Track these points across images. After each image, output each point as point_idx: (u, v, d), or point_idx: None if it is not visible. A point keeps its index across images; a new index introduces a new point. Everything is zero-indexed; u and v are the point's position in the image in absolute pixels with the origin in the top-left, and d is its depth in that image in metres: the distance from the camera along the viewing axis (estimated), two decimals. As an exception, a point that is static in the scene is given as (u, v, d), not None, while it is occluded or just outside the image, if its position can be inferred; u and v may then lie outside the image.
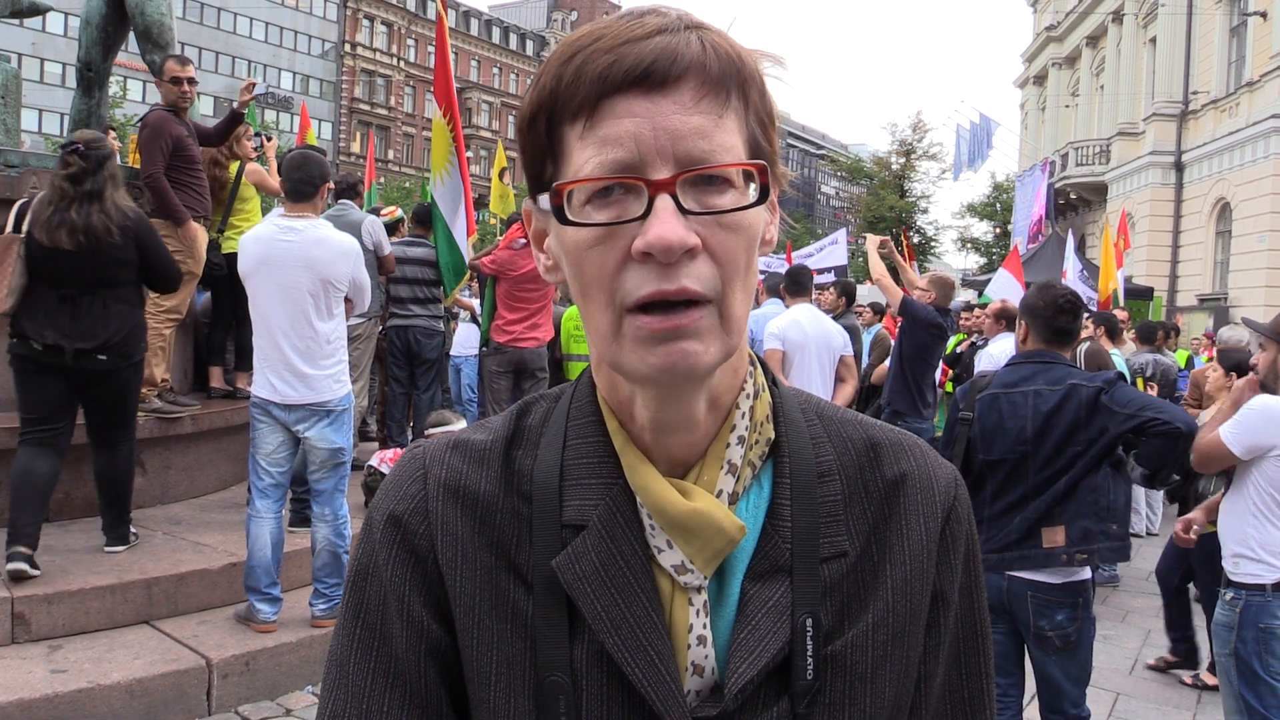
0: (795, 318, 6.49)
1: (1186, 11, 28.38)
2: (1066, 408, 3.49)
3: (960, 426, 3.70)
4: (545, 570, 0.81)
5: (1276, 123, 23.58)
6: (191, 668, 4.22)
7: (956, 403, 3.84)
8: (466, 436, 0.90)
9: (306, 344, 4.59)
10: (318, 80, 68.55)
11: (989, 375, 3.83)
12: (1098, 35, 35.83)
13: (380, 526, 0.86)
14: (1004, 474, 3.57)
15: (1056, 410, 3.49)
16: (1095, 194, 33.96)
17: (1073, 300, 3.71)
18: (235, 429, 6.54)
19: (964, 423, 3.69)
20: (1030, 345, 3.74)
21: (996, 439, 3.59)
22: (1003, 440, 3.57)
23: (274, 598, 4.63)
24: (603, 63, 0.74)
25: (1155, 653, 5.88)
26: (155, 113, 6.05)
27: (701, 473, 0.82)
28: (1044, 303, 3.71)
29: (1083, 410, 3.47)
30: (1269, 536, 3.62)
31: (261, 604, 4.59)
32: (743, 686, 0.77)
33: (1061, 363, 3.65)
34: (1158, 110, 29.29)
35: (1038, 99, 43.37)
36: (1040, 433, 3.50)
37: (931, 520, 0.88)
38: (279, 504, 4.68)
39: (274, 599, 4.63)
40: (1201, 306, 26.27)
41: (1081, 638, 3.51)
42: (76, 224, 4.61)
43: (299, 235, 4.62)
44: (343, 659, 0.85)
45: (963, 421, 3.70)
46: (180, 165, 6.00)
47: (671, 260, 0.73)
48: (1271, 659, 3.58)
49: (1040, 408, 3.52)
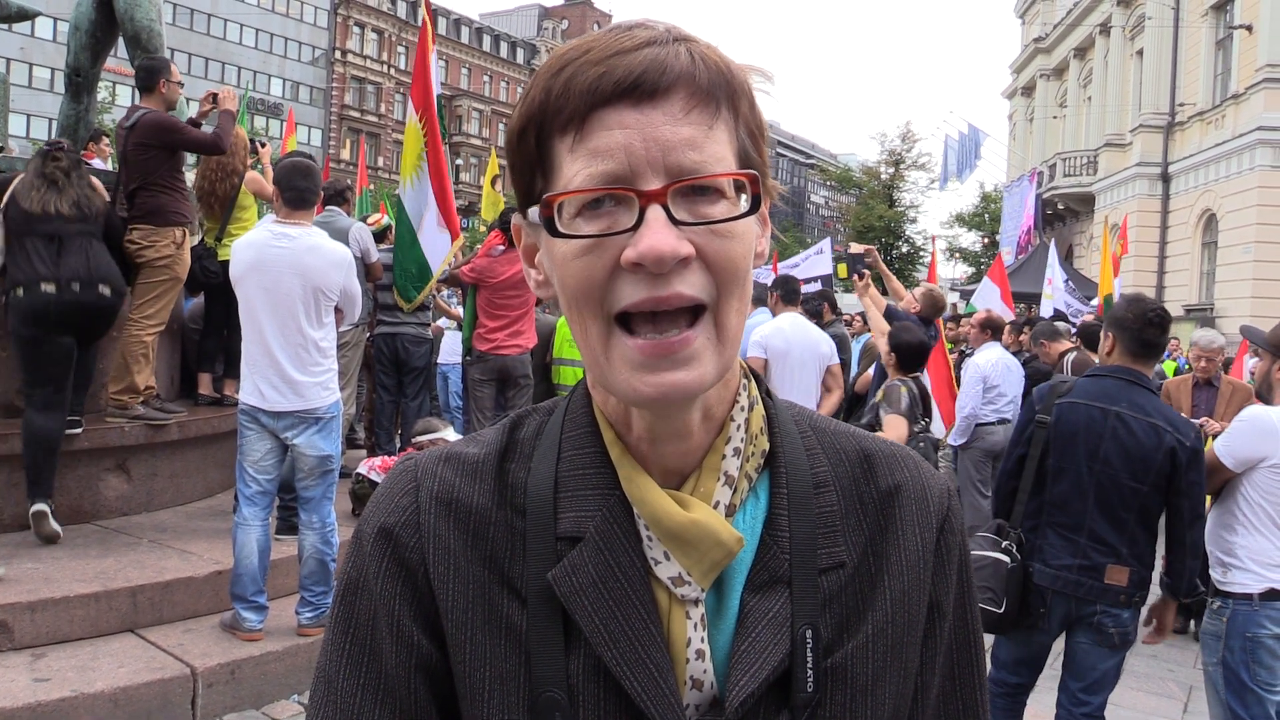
0: (779, 326, 6.51)
1: (1173, 24, 28.59)
2: (1150, 448, 3.53)
3: (1037, 429, 3.73)
4: (540, 583, 0.80)
5: (1262, 135, 23.78)
6: (176, 676, 4.19)
7: (1033, 404, 3.86)
8: (459, 449, 0.89)
9: (296, 350, 4.57)
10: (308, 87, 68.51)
11: (1070, 382, 3.84)
12: (1085, 47, 36.07)
13: (371, 539, 0.85)
14: (1068, 484, 3.63)
15: (1138, 444, 3.54)
16: (1083, 205, 34.14)
17: (1162, 314, 3.71)
18: (222, 436, 6.50)
19: (1040, 425, 3.72)
20: (1116, 359, 3.72)
21: (1068, 448, 3.63)
22: (1074, 452, 3.62)
23: (260, 606, 4.60)
24: (592, 74, 0.74)
25: (1146, 663, 5.89)
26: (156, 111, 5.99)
27: (698, 484, 0.82)
28: (1133, 315, 3.68)
29: (1166, 462, 3.54)
30: (1258, 546, 3.63)
31: (248, 612, 4.56)
32: (743, 700, 0.76)
33: (1145, 385, 3.66)
34: (1145, 122, 29.48)
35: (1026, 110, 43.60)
36: (1118, 461, 3.55)
37: (927, 531, 0.88)
38: (266, 511, 4.65)
39: (260, 607, 4.60)
40: (1188, 317, 26.39)
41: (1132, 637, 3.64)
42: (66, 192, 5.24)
43: (292, 242, 4.61)
44: (331, 674, 0.84)
45: (1039, 424, 3.72)
46: (174, 168, 5.98)
47: (663, 270, 0.72)
48: (1259, 668, 3.58)
49: (1121, 436, 3.56)
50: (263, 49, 66.76)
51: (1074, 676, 3.69)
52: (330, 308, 4.72)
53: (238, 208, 6.79)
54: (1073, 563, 3.58)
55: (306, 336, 4.59)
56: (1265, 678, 3.58)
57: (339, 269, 4.72)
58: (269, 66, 66.49)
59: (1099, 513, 3.57)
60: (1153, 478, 3.55)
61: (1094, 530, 3.57)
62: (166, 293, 5.94)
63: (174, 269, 5.94)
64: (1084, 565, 3.56)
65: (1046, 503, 3.68)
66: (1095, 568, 3.55)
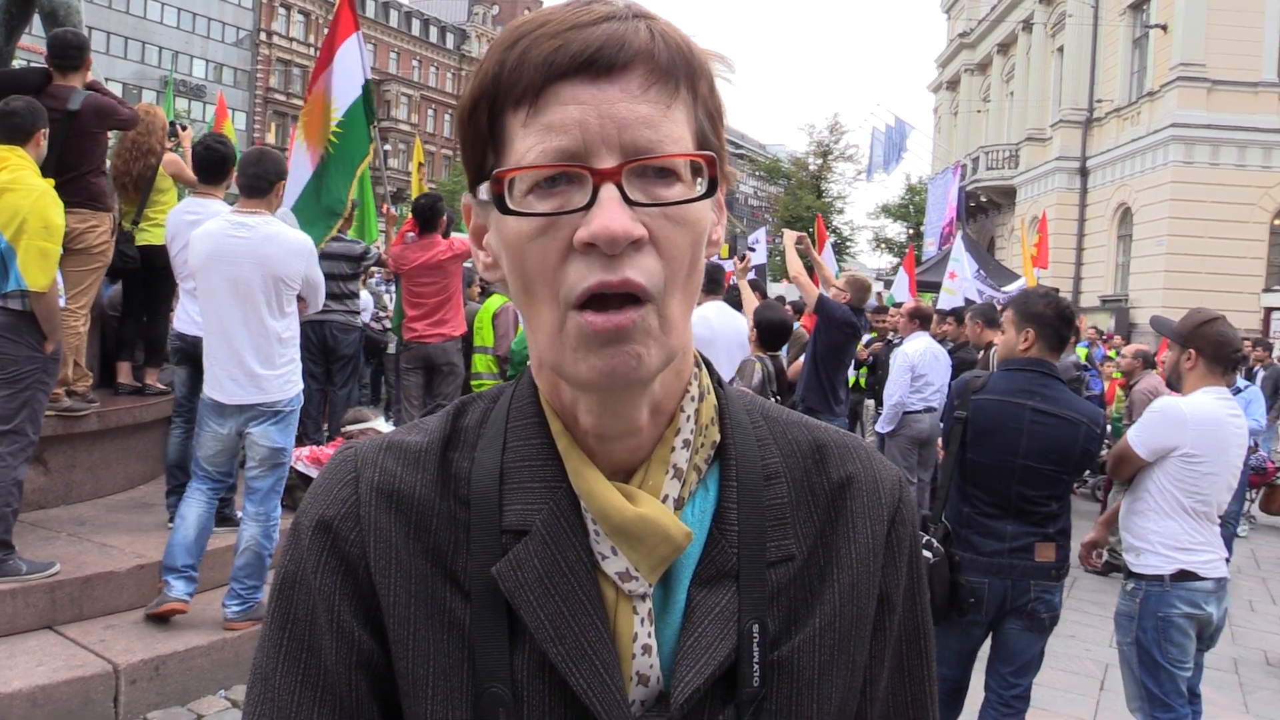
0: (704, 314, 6.55)
1: (1092, 22, 29.35)
2: (1069, 442, 3.68)
3: (955, 425, 3.84)
4: (484, 577, 0.78)
5: (1175, 131, 24.59)
6: (98, 674, 4.08)
7: (951, 400, 3.97)
8: (400, 438, 0.87)
9: (259, 342, 4.50)
10: (231, 69, 66.75)
11: (983, 377, 3.95)
12: (1008, 43, 36.85)
13: (309, 532, 0.82)
14: (990, 475, 3.74)
15: (1058, 439, 3.68)
16: (1005, 197, 34.93)
17: (1071, 309, 3.91)
18: (144, 426, 6.34)
19: (958, 421, 3.82)
20: (1035, 353, 3.83)
21: (987, 443, 3.75)
22: (993, 445, 3.73)
23: (191, 577, 4.51)
24: (548, 48, 0.72)
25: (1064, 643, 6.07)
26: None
27: (646, 477, 0.80)
28: (1053, 313, 3.80)
29: (1079, 447, 3.70)
30: (1168, 530, 3.76)
31: (177, 580, 4.46)
32: (689, 696, 0.75)
33: (1057, 376, 3.81)
34: (1064, 117, 30.26)
35: (950, 104, 44.42)
36: (1038, 453, 3.68)
37: (878, 523, 0.87)
38: (215, 493, 4.62)
39: (190, 578, 4.50)
40: (1103, 307, 27.22)
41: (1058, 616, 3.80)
42: None
43: (251, 232, 4.52)
44: (268, 672, 0.81)
45: (957, 420, 3.83)
46: (105, 151, 5.81)
47: (616, 251, 0.70)
48: (1170, 646, 3.72)
49: (1038, 429, 3.68)
50: (185, 29, 64.74)
51: (1004, 661, 3.80)
52: (292, 297, 4.65)
53: (155, 190, 6.59)
54: (1002, 547, 3.69)
55: (268, 328, 4.52)
56: (1176, 655, 3.72)
57: (300, 257, 4.64)
58: (191, 47, 64.56)
59: (1022, 499, 3.69)
60: (1071, 465, 3.72)
61: (1019, 515, 3.69)
62: (97, 280, 5.78)
63: (107, 255, 5.78)
64: (1014, 548, 3.68)
65: (971, 495, 3.79)
66: (1025, 548, 3.67)
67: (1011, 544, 3.69)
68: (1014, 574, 3.67)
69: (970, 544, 3.74)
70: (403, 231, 7.75)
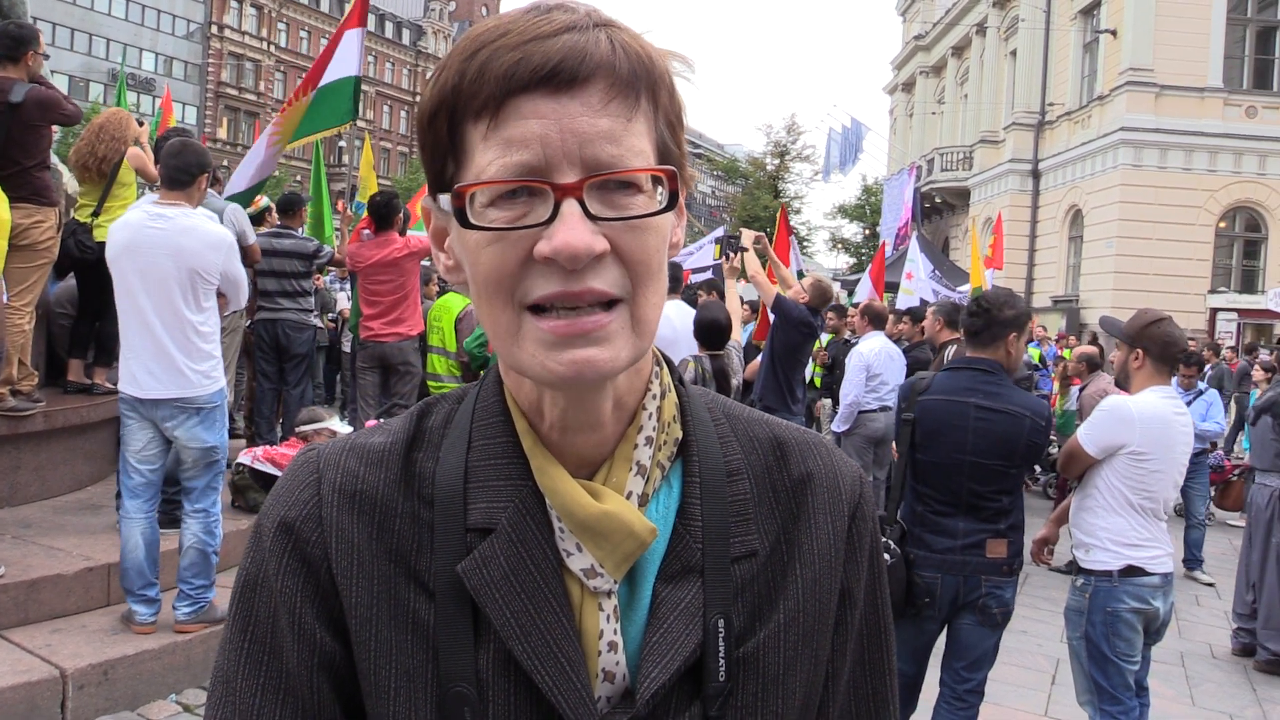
0: (666, 314, 6.55)
1: (1044, 26, 29.78)
2: (1013, 435, 3.74)
3: (903, 427, 3.90)
4: (448, 576, 0.78)
5: (1124, 135, 25.03)
6: (44, 679, 3.99)
7: (899, 402, 4.03)
8: (364, 439, 0.87)
9: (173, 334, 4.40)
10: (182, 62, 65.51)
11: (928, 377, 4.01)
12: (963, 46, 37.28)
13: (270, 534, 0.82)
14: (940, 474, 3.79)
15: (1002, 434, 3.74)
16: (959, 198, 35.33)
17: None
18: (92, 426, 6.22)
19: (906, 422, 3.88)
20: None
21: (935, 443, 3.80)
22: (941, 445, 3.79)
23: (150, 599, 4.44)
24: (508, 60, 0.71)
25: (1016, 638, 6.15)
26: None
27: (610, 474, 0.81)
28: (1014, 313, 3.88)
29: (1024, 439, 3.76)
30: (1116, 527, 3.84)
31: (137, 605, 4.40)
32: (655, 692, 0.76)
33: (1000, 372, 3.86)
34: (1017, 120, 30.68)
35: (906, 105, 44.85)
36: (984, 448, 3.73)
37: (839, 519, 0.88)
38: (150, 504, 4.49)
39: (150, 600, 4.44)
40: (1055, 307, 27.64)
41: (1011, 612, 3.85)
42: None
43: (168, 223, 4.43)
44: (229, 674, 0.81)
45: (905, 421, 3.89)
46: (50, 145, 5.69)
47: (577, 267, 0.71)
48: (1118, 640, 3.80)
49: (984, 426, 3.74)
50: (134, 21, 63.41)
51: (957, 656, 3.86)
52: (210, 291, 4.54)
53: (118, 184, 6.45)
54: (955, 544, 3.74)
55: (184, 320, 4.41)
56: (1124, 649, 3.80)
57: (217, 251, 4.53)
58: (140, 39, 63.24)
59: (973, 495, 3.75)
60: (1018, 458, 3.78)
61: (970, 511, 3.75)
62: (43, 276, 5.66)
63: (53, 251, 5.66)
64: (966, 545, 3.74)
65: (923, 493, 3.85)
66: (977, 544, 3.74)
67: (964, 540, 3.74)
68: (966, 570, 3.73)
69: (923, 542, 3.79)
70: (358, 229, 7.68)
